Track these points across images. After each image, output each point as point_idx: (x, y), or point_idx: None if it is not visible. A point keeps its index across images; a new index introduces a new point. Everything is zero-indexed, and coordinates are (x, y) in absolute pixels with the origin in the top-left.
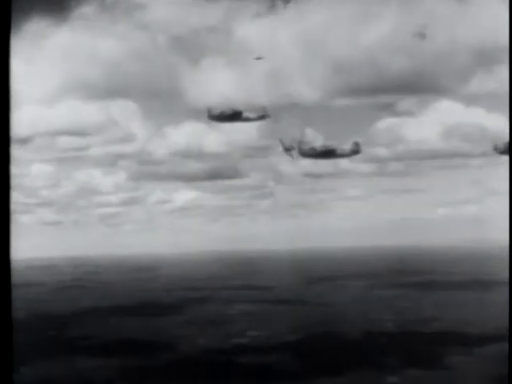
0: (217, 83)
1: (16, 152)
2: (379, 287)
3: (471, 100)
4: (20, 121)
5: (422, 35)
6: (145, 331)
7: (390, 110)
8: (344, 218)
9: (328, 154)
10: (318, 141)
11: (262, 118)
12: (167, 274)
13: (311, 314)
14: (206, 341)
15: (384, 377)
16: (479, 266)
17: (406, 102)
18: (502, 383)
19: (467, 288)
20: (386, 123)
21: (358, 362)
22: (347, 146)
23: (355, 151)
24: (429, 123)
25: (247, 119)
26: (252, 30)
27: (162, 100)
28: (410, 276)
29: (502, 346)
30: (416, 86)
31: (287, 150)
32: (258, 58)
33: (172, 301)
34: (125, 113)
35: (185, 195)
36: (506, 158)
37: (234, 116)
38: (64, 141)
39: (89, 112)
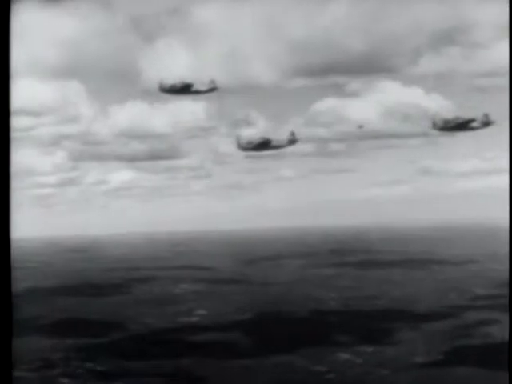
0: (172, 64)
1: None
2: (318, 266)
3: (416, 81)
4: None
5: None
6: (92, 311)
7: (339, 90)
8: (278, 198)
9: (265, 145)
10: (259, 123)
11: (211, 90)
12: (105, 254)
13: (255, 293)
14: (155, 320)
15: (336, 353)
16: (412, 245)
17: (356, 83)
18: (452, 357)
19: (403, 267)
20: (329, 103)
21: (309, 339)
22: (284, 137)
23: (292, 141)
24: (372, 104)
25: (197, 92)
26: (211, 11)
27: (114, 80)
28: (346, 255)
29: (448, 323)
30: (368, 67)
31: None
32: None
33: (115, 281)
34: (76, 93)
35: (121, 176)
36: (444, 138)
37: (185, 88)
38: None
39: (40, 92)
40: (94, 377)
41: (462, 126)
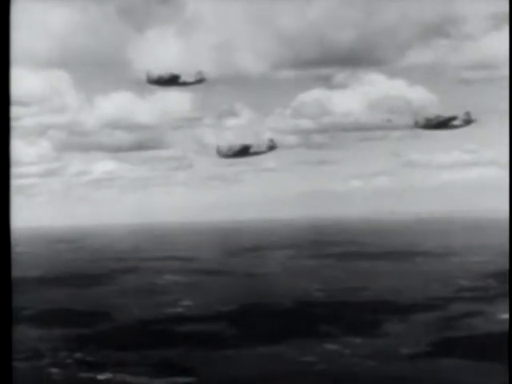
0: (162, 53)
1: None
2: (302, 257)
3: (402, 73)
4: None
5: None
6: (78, 301)
7: (326, 82)
8: (260, 189)
9: (244, 152)
10: (244, 114)
11: (199, 81)
12: (87, 245)
13: (240, 284)
14: (141, 310)
15: (323, 344)
16: (394, 237)
17: (342, 75)
18: (440, 348)
19: (387, 258)
20: (314, 95)
21: (295, 330)
22: (263, 143)
23: (271, 147)
24: (358, 96)
25: (184, 83)
26: (202, 3)
27: (102, 71)
28: (329, 247)
29: (434, 314)
30: (355, 59)
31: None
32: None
33: (99, 271)
34: (65, 83)
35: (104, 166)
36: (428, 131)
37: (172, 80)
38: None
39: (29, 82)
40: (83, 367)
41: (444, 124)
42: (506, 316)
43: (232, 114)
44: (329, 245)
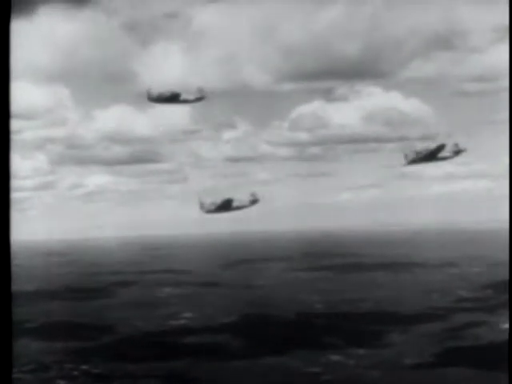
0: (166, 67)
1: None
2: (297, 270)
3: (404, 86)
4: None
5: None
6: (78, 314)
7: (327, 95)
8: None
9: (227, 206)
10: (241, 127)
11: (199, 99)
12: (80, 258)
13: (238, 296)
14: (144, 323)
15: (327, 356)
16: (388, 249)
17: (344, 88)
18: (443, 358)
19: (383, 270)
20: (313, 108)
21: (299, 342)
22: (246, 198)
23: (254, 201)
24: (356, 108)
25: (185, 101)
26: (206, 16)
27: (105, 85)
28: (323, 259)
29: (436, 325)
30: (358, 72)
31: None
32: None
33: (97, 285)
34: (66, 97)
35: (97, 180)
36: (422, 143)
37: (173, 98)
38: None
39: (32, 95)
40: (90, 379)
41: (433, 155)
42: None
43: (230, 127)
44: (323, 256)
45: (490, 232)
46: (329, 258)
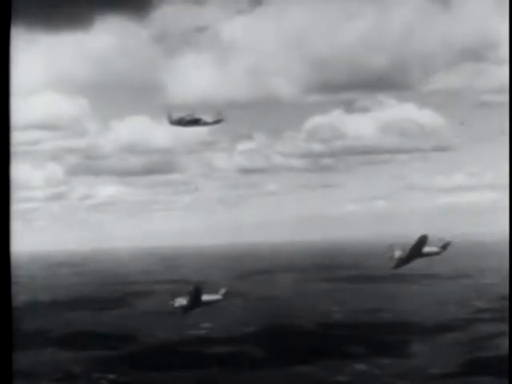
0: (194, 79)
1: None
2: (311, 280)
3: (426, 97)
4: None
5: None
6: (98, 324)
7: (349, 106)
8: (261, 213)
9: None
10: (258, 139)
11: (217, 122)
12: (92, 269)
13: (255, 306)
14: (164, 333)
15: (351, 365)
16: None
17: (367, 100)
18: (469, 368)
19: (396, 281)
20: (330, 119)
21: (322, 351)
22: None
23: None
24: (374, 119)
25: (205, 124)
26: (233, 28)
27: (132, 96)
28: (336, 270)
29: (458, 335)
30: (383, 83)
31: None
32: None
33: (113, 295)
34: (92, 107)
35: (109, 190)
36: (435, 153)
37: (193, 122)
38: (20, 134)
39: (57, 107)
40: None
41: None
42: None
43: (247, 138)
44: (335, 268)
45: (500, 243)
46: (342, 268)
